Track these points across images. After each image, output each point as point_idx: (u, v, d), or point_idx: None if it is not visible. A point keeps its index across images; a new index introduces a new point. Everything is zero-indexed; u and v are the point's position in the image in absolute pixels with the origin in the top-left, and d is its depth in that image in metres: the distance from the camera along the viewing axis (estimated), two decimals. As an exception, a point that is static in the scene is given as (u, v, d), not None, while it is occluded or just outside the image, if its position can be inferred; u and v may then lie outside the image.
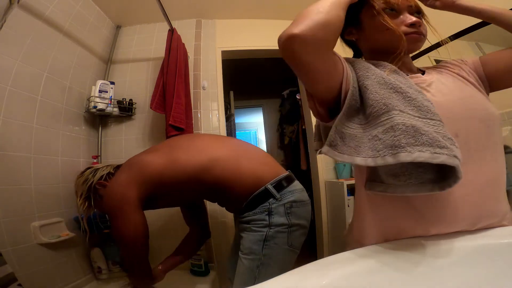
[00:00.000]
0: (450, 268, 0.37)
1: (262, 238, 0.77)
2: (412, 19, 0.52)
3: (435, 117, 0.40)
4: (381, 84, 0.44)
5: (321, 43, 0.43)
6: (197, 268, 1.39)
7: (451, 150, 0.35)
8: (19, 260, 0.92)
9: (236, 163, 0.83)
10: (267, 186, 0.79)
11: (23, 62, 1.08)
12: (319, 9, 0.43)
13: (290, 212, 0.78)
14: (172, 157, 0.86)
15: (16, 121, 1.04)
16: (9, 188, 0.96)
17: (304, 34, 0.41)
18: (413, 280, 0.36)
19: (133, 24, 1.90)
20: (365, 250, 0.43)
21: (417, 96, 0.42)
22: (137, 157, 0.92)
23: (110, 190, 0.85)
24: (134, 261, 0.85)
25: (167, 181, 0.83)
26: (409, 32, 0.52)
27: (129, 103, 1.63)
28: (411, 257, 0.40)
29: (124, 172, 0.87)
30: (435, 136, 0.36)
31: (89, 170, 0.95)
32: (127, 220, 0.78)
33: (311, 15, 0.42)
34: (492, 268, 0.37)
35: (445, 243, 0.41)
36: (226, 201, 0.92)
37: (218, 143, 0.92)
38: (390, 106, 0.41)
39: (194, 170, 0.82)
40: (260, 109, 4.11)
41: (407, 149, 0.35)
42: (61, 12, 1.32)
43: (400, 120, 0.38)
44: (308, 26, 0.41)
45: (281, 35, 0.43)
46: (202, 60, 1.83)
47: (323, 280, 0.34)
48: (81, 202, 0.91)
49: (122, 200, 0.79)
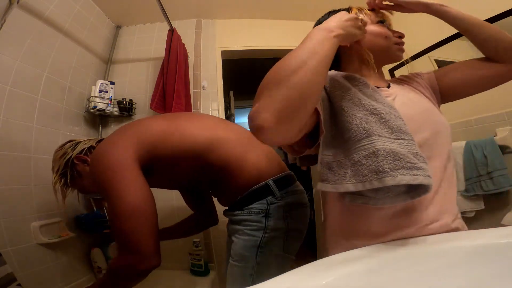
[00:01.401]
0: (450, 268, 0.37)
1: (256, 244, 0.68)
2: (400, 32, 0.59)
3: (407, 136, 0.44)
4: (357, 105, 0.46)
5: (295, 132, 0.41)
6: (197, 268, 1.39)
7: (425, 170, 0.40)
8: (19, 260, 0.92)
9: (243, 150, 0.74)
10: (269, 181, 0.71)
11: (23, 62, 1.08)
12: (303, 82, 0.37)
13: (289, 216, 0.70)
14: (176, 125, 0.74)
15: (16, 121, 1.04)
16: (9, 188, 0.96)
17: (276, 129, 0.36)
18: (413, 280, 0.36)
19: (133, 24, 1.90)
20: (365, 250, 0.43)
21: (390, 116, 0.45)
22: (133, 122, 0.79)
23: (99, 154, 0.66)
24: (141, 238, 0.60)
25: (166, 150, 0.70)
26: (398, 42, 0.58)
27: (129, 103, 1.63)
28: (411, 257, 0.40)
29: (117, 134, 0.72)
30: (412, 159, 0.40)
31: (69, 143, 0.83)
32: (130, 185, 0.60)
33: (289, 92, 0.36)
34: (492, 268, 0.37)
35: (445, 243, 0.41)
36: (222, 190, 0.81)
37: (227, 125, 0.82)
38: (369, 131, 0.43)
39: (199, 145, 0.71)
40: (260, 109, 4.11)
41: (390, 174, 0.39)
42: (61, 12, 1.32)
43: (381, 146, 0.41)
44: (283, 117, 0.36)
45: (250, 117, 0.38)
46: (202, 60, 1.83)
47: (323, 280, 0.34)
48: (56, 178, 0.79)
49: (118, 163, 0.62)
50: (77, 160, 0.79)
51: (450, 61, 1.53)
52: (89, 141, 0.84)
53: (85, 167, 0.80)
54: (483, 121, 1.36)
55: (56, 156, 0.81)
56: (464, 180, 1.33)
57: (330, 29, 0.44)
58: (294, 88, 0.37)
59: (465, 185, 1.33)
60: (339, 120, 0.47)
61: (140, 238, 0.59)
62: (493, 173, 1.22)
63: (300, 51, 0.40)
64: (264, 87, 0.39)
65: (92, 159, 0.69)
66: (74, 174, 0.79)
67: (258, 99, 0.39)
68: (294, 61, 0.39)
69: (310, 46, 0.41)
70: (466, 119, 1.43)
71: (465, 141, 1.35)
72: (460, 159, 1.35)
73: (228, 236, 0.81)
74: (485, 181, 1.25)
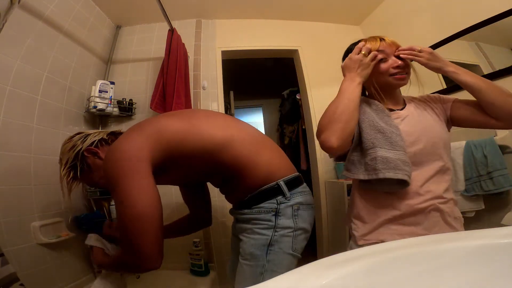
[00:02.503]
0: (450, 268, 0.37)
1: (267, 242, 0.70)
2: (398, 62, 0.73)
3: (400, 149, 0.67)
4: (371, 126, 0.71)
5: (348, 145, 0.72)
6: (197, 268, 1.39)
7: (405, 171, 0.65)
8: (19, 260, 0.92)
9: (256, 149, 0.75)
10: (280, 182, 0.72)
11: (23, 62, 1.08)
12: (348, 118, 0.67)
13: (297, 215, 0.72)
14: (192, 125, 0.73)
15: (16, 121, 1.04)
16: (9, 188, 0.97)
17: (339, 146, 0.66)
18: (413, 280, 0.36)
19: (133, 24, 1.90)
20: (365, 250, 0.43)
21: (391, 134, 0.68)
22: (149, 119, 0.76)
23: (113, 150, 0.65)
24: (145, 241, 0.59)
25: (183, 150, 0.69)
26: (393, 73, 0.73)
27: (129, 103, 1.63)
28: (411, 257, 0.40)
29: (134, 131, 0.69)
30: (398, 163, 0.66)
31: (78, 136, 0.80)
32: (140, 185, 0.60)
33: (342, 125, 0.66)
34: (492, 268, 0.37)
35: (445, 243, 0.41)
36: (232, 188, 0.81)
37: (239, 124, 0.82)
38: (375, 144, 0.69)
39: (214, 144, 0.71)
40: (260, 109, 4.12)
41: (382, 171, 0.66)
42: (61, 12, 1.32)
43: (380, 154, 0.67)
44: (342, 139, 0.66)
45: (321, 142, 0.69)
46: (202, 60, 1.83)
47: (323, 280, 0.34)
48: (64, 171, 0.76)
49: (130, 163, 0.61)
50: (88, 152, 0.77)
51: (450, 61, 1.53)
52: (99, 133, 0.82)
53: (95, 160, 0.77)
54: (483, 121, 1.36)
55: (65, 148, 0.78)
56: (464, 180, 1.33)
57: (353, 79, 0.71)
58: (345, 122, 0.66)
59: (465, 185, 1.32)
60: (361, 136, 0.73)
61: (143, 242, 0.58)
62: (493, 173, 1.22)
63: (342, 100, 0.69)
64: (326, 124, 0.68)
65: (106, 154, 0.67)
66: (84, 167, 0.77)
67: (323, 131, 0.68)
68: (340, 107, 0.68)
69: (346, 96, 0.69)
70: (466, 119, 1.43)
71: (465, 141, 1.35)
72: (460, 159, 1.35)
73: (234, 235, 0.82)
74: (485, 181, 1.25)
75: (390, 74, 0.73)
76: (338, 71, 0.79)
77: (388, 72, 0.73)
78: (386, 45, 0.74)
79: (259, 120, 4.25)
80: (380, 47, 0.73)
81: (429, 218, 0.68)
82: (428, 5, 1.61)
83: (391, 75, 0.73)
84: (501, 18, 1.23)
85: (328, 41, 2.02)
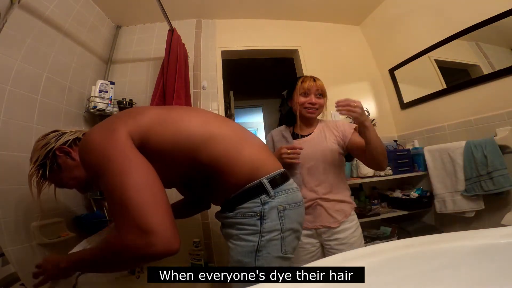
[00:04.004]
0: (450, 268, 0.37)
1: (254, 249, 0.66)
2: (312, 100, 1.03)
3: (296, 166, 1.01)
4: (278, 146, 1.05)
5: None
6: (197, 268, 1.39)
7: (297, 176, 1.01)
8: (19, 260, 0.92)
9: (238, 146, 0.71)
10: (262, 180, 0.68)
11: (23, 62, 1.08)
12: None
13: (284, 216, 0.69)
14: (172, 116, 0.69)
15: (16, 121, 1.04)
16: (9, 188, 0.96)
17: None
18: (413, 280, 0.36)
19: (133, 24, 1.90)
20: (364, 250, 0.43)
21: None
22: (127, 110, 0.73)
23: (90, 138, 0.59)
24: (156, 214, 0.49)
25: (159, 138, 0.63)
26: (307, 107, 1.03)
27: (129, 103, 1.63)
28: (411, 257, 0.40)
29: (108, 120, 0.65)
30: None
31: (54, 133, 0.76)
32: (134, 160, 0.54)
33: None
34: (492, 268, 0.37)
35: (445, 243, 0.41)
36: (214, 187, 0.75)
37: (222, 121, 0.78)
38: None
39: (193, 139, 0.66)
40: (260, 109, 4.11)
41: None
42: (61, 12, 1.32)
43: None
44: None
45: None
46: (202, 60, 1.83)
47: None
48: (33, 170, 0.72)
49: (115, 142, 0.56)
50: (60, 151, 0.73)
51: (450, 61, 1.54)
52: (75, 132, 0.78)
53: (67, 160, 0.74)
54: (483, 121, 1.36)
55: (38, 145, 0.74)
56: (464, 180, 1.33)
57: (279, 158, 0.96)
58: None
59: (465, 185, 1.32)
60: None
61: (156, 212, 0.48)
62: (493, 173, 1.22)
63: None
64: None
65: (82, 145, 0.60)
66: (53, 167, 0.73)
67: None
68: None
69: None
70: (466, 119, 1.43)
71: (465, 141, 1.35)
72: (460, 159, 1.35)
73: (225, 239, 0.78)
74: (485, 181, 1.25)
75: (304, 107, 1.03)
76: (338, 71, 0.80)
77: (304, 105, 1.03)
78: (314, 85, 1.03)
79: (259, 120, 4.25)
80: (308, 86, 1.03)
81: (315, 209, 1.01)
82: (428, 5, 1.61)
83: (305, 108, 1.03)
84: (501, 18, 1.23)
85: (328, 41, 2.03)
